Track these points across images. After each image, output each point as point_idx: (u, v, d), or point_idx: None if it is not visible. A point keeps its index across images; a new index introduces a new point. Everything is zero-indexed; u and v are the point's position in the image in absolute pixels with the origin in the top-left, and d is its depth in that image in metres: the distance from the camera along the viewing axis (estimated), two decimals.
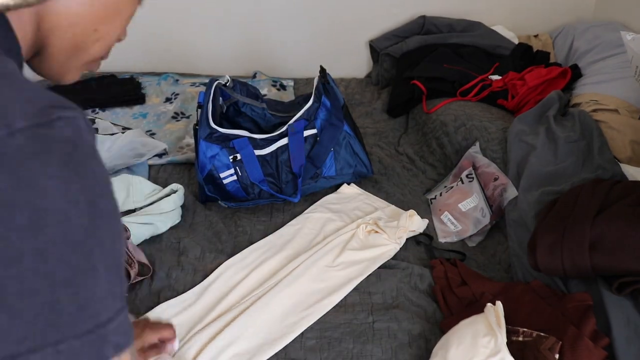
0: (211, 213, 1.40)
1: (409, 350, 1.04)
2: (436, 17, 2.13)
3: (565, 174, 1.34)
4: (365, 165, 1.48)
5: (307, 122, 1.41)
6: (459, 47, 1.99)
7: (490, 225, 1.36)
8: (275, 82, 2.08)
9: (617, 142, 1.44)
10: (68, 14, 0.52)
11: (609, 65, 1.72)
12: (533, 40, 2.11)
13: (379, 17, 2.16)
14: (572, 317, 1.01)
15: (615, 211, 1.09)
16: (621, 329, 0.98)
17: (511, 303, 1.09)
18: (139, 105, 1.90)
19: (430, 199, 1.50)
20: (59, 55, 0.56)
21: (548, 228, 1.13)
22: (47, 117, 0.40)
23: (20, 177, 0.38)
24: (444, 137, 1.65)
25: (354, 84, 2.15)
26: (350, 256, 1.24)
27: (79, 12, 0.52)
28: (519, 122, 1.52)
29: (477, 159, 1.48)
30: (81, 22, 0.53)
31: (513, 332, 1.00)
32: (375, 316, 1.11)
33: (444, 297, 1.15)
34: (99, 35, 0.55)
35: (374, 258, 1.24)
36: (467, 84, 1.80)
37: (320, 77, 1.47)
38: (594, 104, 1.59)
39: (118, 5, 0.55)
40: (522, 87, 1.71)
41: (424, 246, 1.33)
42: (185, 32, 2.07)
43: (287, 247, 1.28)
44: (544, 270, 1.11)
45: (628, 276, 1.01)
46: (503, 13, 2.19)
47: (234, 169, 1.37)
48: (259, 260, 1.24)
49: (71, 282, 0.39)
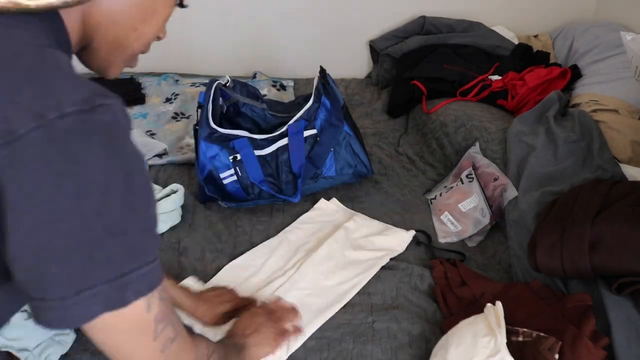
0: (211, 213, 1.40)
1: (409, 351, 1.04)
2: (436, 17, 2.13)
3: (565, 175, 1.34)
4: (365, 165, 1.48)
5: (307, 122, 1.41)
6: (459, 48, 1.99)
7: (490, 225, 1.36)
8: (275, 82, 2.08)
9: (616, 143, 1.44)
10: (110, 13, 0.59)
11: (608, 65, 1.73)
12: (533, 40, 2.11)
13: (379, 17, 2.16)
14: (572, 318, 1.01)
15: (615, 211, 1.10)
16: (621, 329, 0.98)
17: (511, 303, 1.09)
18: (139, 106, 1.91)
19: (430, 199, 1.50)
20: (102, 50, 0.63)
21: (548, 228, 1.13)
22: (91, 103, 0.47)
23: (68, 153, 0.46)
24: (443, 137, 1.65)
25: (354, 84, 2.15)
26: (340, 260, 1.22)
27: (120, 12, 0.59)
28: (518, 122, 1.52)
29: (477, 159, 1.48)
30: (122, 21, 0.60)
31: (513, 332, 1.00)
32: (375, 316, 1.11)
33: (443, 297, 1.15)
34: (139, 34, 0.62)
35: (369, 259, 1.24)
36: (467, 84, 1.80)
37: (320, 77, 1.47)
38: (594, 104, 1.59)
39: (155, 6, 0.62)
40: (522, 88, 1.71)
41: (423, 246, 1.33)
42: (186, 32, 2.07)
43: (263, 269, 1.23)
44: (543, 271, 1.11)
45: (628, 276, 1.01)
46: (503, 13, 2.19)
47: (234, 169, 1.37)
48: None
49: (106, 241, 0.48)
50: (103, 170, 0.47)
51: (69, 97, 0.47)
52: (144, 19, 0.61)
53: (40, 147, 0.45)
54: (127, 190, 0.49)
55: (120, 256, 0.50)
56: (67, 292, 0.48)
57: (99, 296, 0.49)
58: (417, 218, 1.43)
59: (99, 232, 0.48)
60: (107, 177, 0.47)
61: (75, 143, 0.46)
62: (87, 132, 0.47)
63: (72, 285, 0.48)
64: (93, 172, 0.47)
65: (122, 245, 0.49)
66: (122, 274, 0.50)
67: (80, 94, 0.47)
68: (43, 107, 0.46)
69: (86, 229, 0.47)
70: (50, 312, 0.49)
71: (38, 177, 0.45)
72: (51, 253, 0.47)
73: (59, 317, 0.49)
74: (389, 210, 1.45)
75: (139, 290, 0.52)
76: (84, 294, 0.48)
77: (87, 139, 0.47)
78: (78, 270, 0.48)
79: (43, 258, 0.47)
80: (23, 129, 0.45)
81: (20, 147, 0.45)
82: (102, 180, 0.47)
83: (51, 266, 0.47)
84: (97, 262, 0.48)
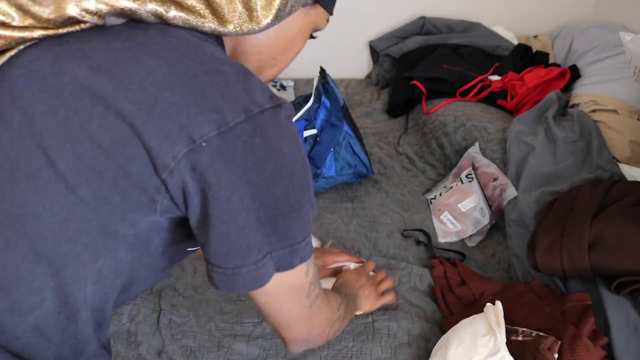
0: None
1: (409, 350, 1.04)
2: (436, 17, 2.14)
3: (565, 174, 1.34)
4: (365, 165, 1.48)
5: (307, 122, 1.42)
6: (458, 48, 2.00)
7: (490, 225, 1.37)
8: (275, 82, 2.08)
9: (616, 143, 1.44)
10: (257, 44, 0.67)
11: (608, 65, 1.73)
12: (532, 40, 2.12)
13: (379, 18, 2.16)
14: (571, 317, 1.01)
15: (614, 211, 1.10)
16: (620, 329, 0.98)
17: (511, 303, 1.10)
18: None
19: (430, 199, 1.50)
20: None
21: (547, 228, 1.14)
22: (277, 101, 0.56)
23: (268, 141, 0.54)
24: (443, 137, 1.65)
25: (354, 85, 2.15)
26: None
27: (265, 43, 0.68)
28: (518, 122, 1.52)
29: (476, 159, 1.48)
30: (266, 52, 0.69)
31: (512, 331, 1.00)
32: (374, 315, 1.11)
33: (443, 297, 1.15)
34: (276, 63, 0.71)
35: None
36: (466, 84, 1.81)
37: (320, 77, 1.47)
38: (593, 104, 1.59)
39: (294, 41, 0.70)
40: (521, 88, 1.72)
41: (423, 246, 1.33)
42: None
43: None
44: (543, 270, 1.11)
45: (627, 276, 1.01)
46: (502, 14, 2.19)
47: None
48: None
49: (287, 215, 0.57)
50: (292, 156, 0.56)
51: (263, 95, 0.55)
52: (284, 50, 0.70)
53: (248, 136, 0.53)
54: (305, 174, 0.58)
55: (296, 228, 0.58)
56: (259, 256, 0.57)
57: (275, 259, 0.58)
58: (417, 218, 1.43)
59: (284, 209, 0.56)
60: (293, 162, 0.56)
61: (273, 133, 0.54)
62: (279, 124, 0.55)
63: (262, 251, 0.57)
64: (285, 157, 0.55)
65: (299, 219, 0.58)
66: (295, 243, 0.59)
67: (267, 94, 0.56)
68: (249, 103, 0.54)
69: (276, 206, 0.55)
70: (246, 275, 0.57)
71: (245, 162, 0.53)
72: (252, 226, 0.55)
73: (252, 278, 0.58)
74: (389, 210, 1.45)
75: (303, 257, 0.60)
76: (267, 257, 0.57)
77: (280, 130, 0.55)
78: (265, 239, 0.56)
79: (245, 231, 0.55)
80: (234, 121, 0.52)
81: (232, 136, 0.52)
82: (291, 164, 0.56)
83: (252, 237, 0.56)
84: (279, 232, 0.57)
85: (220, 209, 0.54)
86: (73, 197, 0.54)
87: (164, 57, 0.55)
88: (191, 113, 0.52)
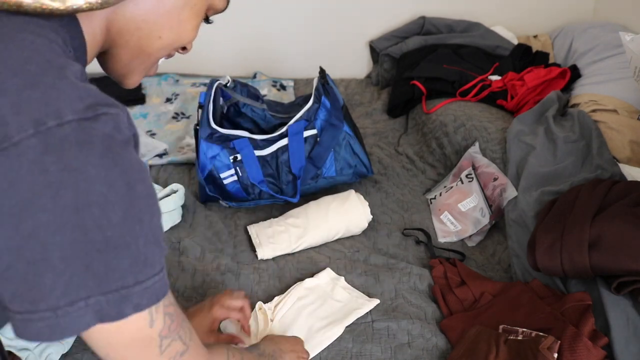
0: (211, 213, 1.40)
1: (408, 350, 1.04)
2: (436, 17, 2.13)
3: (565, 174, 1.34)
4: (365, 165, 1.48)
5: (307, 122, 1.42)
6: (458, 48, 1.99)
7: (490, 225, 1.37)
8: (275, 82, 2.08)
9: (616, 143, 1.44)
10: (135, 20, 0.58)
11: (608, 65, 1.73)
12: (532, 40, 2.11)
13: (379, 18, 2.16)
14: (571, 317, 1.01)
15: (614, 211, 1.10)
16: (620, 329, 0.98)
17: (511, 303, 1.10)
18: (140, 106, 1.91)
19: (430, 199, 1.50)
20: (124, 56, 0.62)
21: (547, 228, 1.14)
22: (93, 112, 0.46)
23: (65, 162, 0.44)
24: (443, 137, 1.65)
25: (354, 85, 2.15)
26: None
27: (144, 19, 0.59)
28: (518, 122, 1.52)
29: (476, 159, 1.48)
30: (146, 28, 0.60)
31: (512, 331, 1.01)
32: (374, 316, 1.11)
33: (443, 297, 1.15)
34: (163, 42, 0.62)
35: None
36: (466, 84, 1.81)
37: (319, 77, 1.47)
38: (593, 104, 1.59)
39: (181, 15, 0.61)
40: (521, 88, 1.72)
41: (423, 246, 1.33)
42: None
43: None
44: (543, 270, 1.11)
45: (627, 276, 1.01)
46: (502, 14, 2.19)
47: (234, 169, 1.37)
48: None
49: (106, 252, 0.46)
50: (103, 180, 0.46)
51: (71, 105, 0.46)
52: (169, 26, 0.61)
53: (36, 155, 0.44)
54: (129, 201, 0.47)
55: (122, 268, 0.48)
56: (60, 302, 0.46)
57: (93, 307, 0.47)
58: (416, 218, 1.43)
59: (100, 244, 0.46)
60: (107, 187, 0.46)
61: (73, 152, 0.45)
62: (86, 141, 0.45)
63: (66, 295, 0.46)
64: (92, 182, 0.45)
65: (125, 257, 0.48)
66: (122, 287, 0.48)
67: (83, 102, 0.46)
68: (43, 114, 0.45)
69: (86, 241, 0.46)
70: (40, 323, 0.47)
71: (33, 186, 0.44)
72: (47, 263, 0.45)
73: (49, 328, 0.47)
74: (389, 210, 1.45)
75: (138, 304, 0.49)
76: (78, 304, 0.47)
77: (85, 148, 0.45)
78: (75, 281, 0.46)
79: (38, 268, 0.45)
80: (19, 135, 0.44)
81: (15, 154, 0.44)
82: (102, 190, 0.46)
83: (46, 276, 0.45)
84: (95, 273, 0.47)
85: (13, 246, 0.45)
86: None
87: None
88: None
